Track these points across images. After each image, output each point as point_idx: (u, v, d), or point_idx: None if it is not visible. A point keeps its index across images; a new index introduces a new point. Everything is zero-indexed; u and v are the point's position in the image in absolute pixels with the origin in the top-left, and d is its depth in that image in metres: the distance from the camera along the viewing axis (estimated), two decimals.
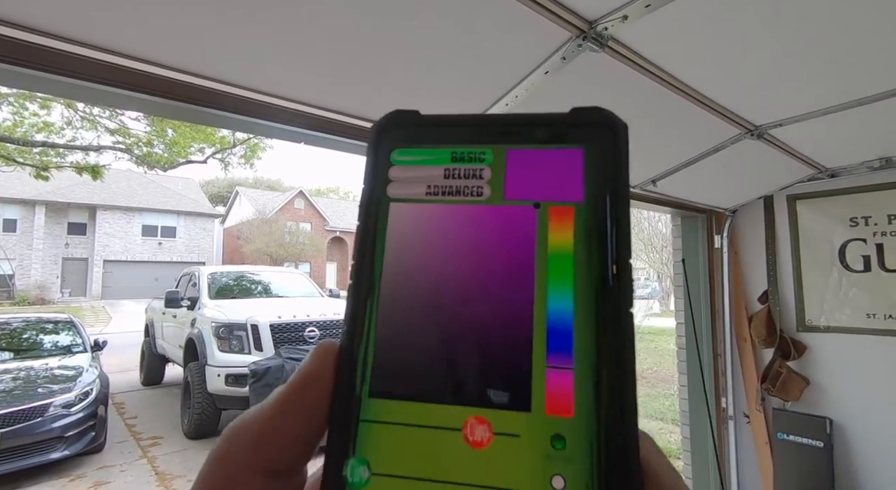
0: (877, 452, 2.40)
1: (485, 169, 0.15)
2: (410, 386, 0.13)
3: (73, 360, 5.02)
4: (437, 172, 0.15)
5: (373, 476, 0.13)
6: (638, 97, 1.38)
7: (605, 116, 0.16)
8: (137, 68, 1.05)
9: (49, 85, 1.04)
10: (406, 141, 0.16)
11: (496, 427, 0.13)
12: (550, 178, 0.15)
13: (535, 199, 0.15)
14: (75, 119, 8.78)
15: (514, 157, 0.15)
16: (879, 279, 2.44)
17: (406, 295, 0.14)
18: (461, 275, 0.14)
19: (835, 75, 1.44)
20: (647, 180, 2.07)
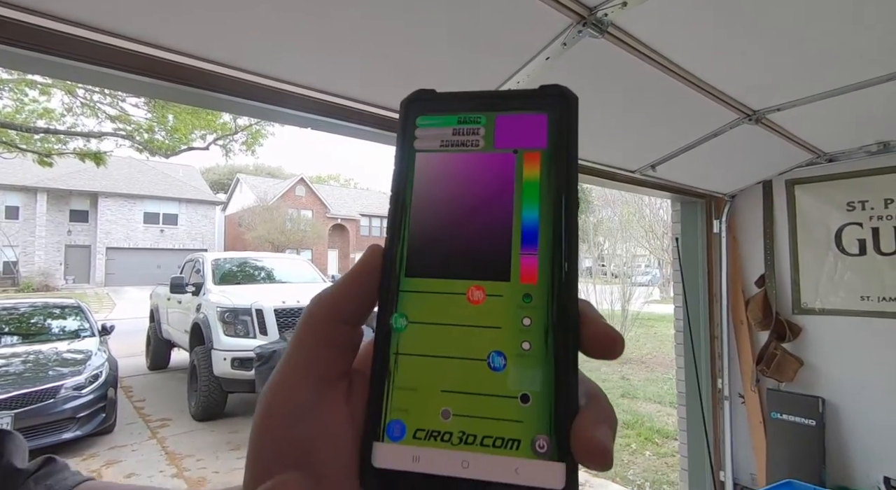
0: (867, 430, 2.47)
1: (480, 128, 0.22)
2: (431, 268, 0.21)
3: (81, 344, 5.11)
4: (447, 131, 0.22)
5: (409, 323, 0.20)
6: (637, 82, 1.41)
7: (561, 91, 0.23)
8: (143, 52, 1.07)
9: (56, 68, 1.07)
10: (426, 110, 0.23)
11: (488, 291, 0.20)
12: (525, 134, 0.22)
13: (514, 147, 0.22)
14: (76, 105, 8.76)
15: (501, 120, 0.22)
16: (874, 262, 2.48)
17: (427, 212, 0.21)
18: (464, 198, 0.21)
19: (833, 60, 1.46)
20: (647, 165, 2.11)
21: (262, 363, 4.62)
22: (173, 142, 8.86)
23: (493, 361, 0.19)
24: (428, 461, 0.18)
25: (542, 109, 0.22)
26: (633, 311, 9.40)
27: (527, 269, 0.19)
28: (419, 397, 0.19)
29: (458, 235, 0.21)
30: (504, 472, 0.18)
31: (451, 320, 0.20)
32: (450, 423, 0.19)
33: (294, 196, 30.32)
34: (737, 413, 2.97)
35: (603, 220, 14.90)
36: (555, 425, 0.18)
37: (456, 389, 0.19)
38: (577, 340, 0.19)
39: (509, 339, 0.19)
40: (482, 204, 0.21)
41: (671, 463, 3.96)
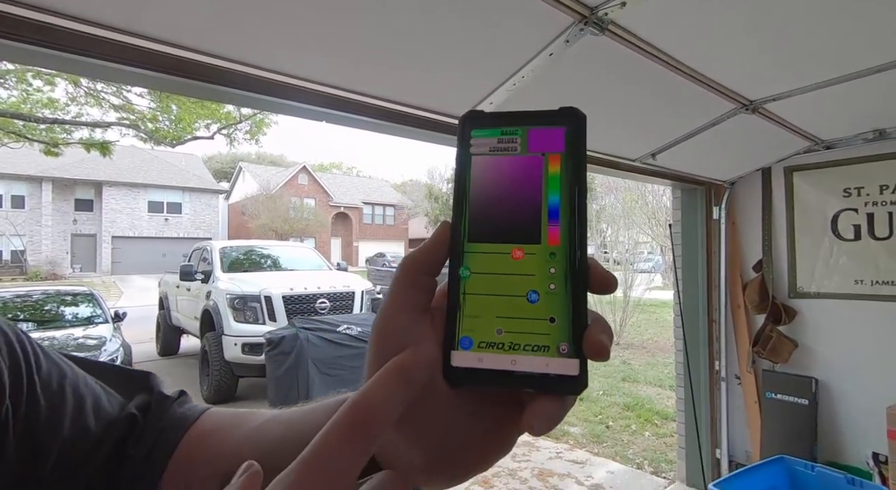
0: (857, 408, 2.57)
1: (517, 138, 0.31)
2: (486, 236, 0.29)
3: (95, 330, 5.25)
4: (494, 141, 0.31)
5: (472, 274, 0.29)
6: (636, 76, 1.47)
7: (574, 111, 0.30)
8: (153, 49, 1.11)
9: (66, 64, 1.09)
10: (478, 125, 0.31)
11: (525, 251, 0.28)
12: (549, 142, 0.30)
13: (542, 151, 0.30)
14: (79, 95, 8.80)
15: (532, 132, 0.31)
16: (868, 247, 2.55)
17: (481, 197, 0.30)
18: (507, 187, 0.30)
19: (828, 50, 1.52)
20: (647, 154, 2.17)
21: (272, 348, 4.75)
22: (177, 131, 8.90)
23: (531, 297, 0.28)
24: (488, 361, 0.27)
25: (561, 124, 0.30)
26: (634, 297, 9.49)
27: (552, 235, 0.28)
28: (481, 321, 0.28)
29: (504, 213, 0.29)
30: (539, 365, 0.27)
31: (500, 271, 0.28)
32: (502, 337, 0.28)
33: (297, 184, 30.33)
34: (733, 394, 3.07)
35: (606, 207, 14.91)
36: (573, 336, 0.27)
37: (506, 315, 0.28)
38: (586, 282, 0.28)
39: (541, 282, 0.28)
40: (520, 191, 0.29)
41: (670, 443, 4.08)
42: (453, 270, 0.29)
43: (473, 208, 0.30)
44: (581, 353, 0.26)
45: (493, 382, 0.27)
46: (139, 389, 0.43)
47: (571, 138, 0.29)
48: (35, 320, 5.58)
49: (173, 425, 0.41)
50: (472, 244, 0.29)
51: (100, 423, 0.38)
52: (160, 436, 0.40)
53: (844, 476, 2.27)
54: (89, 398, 0.38)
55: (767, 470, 2.46)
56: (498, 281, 0.28)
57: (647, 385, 6.07)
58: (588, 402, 5.33)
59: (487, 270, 0.28)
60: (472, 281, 0.28)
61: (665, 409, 4.99)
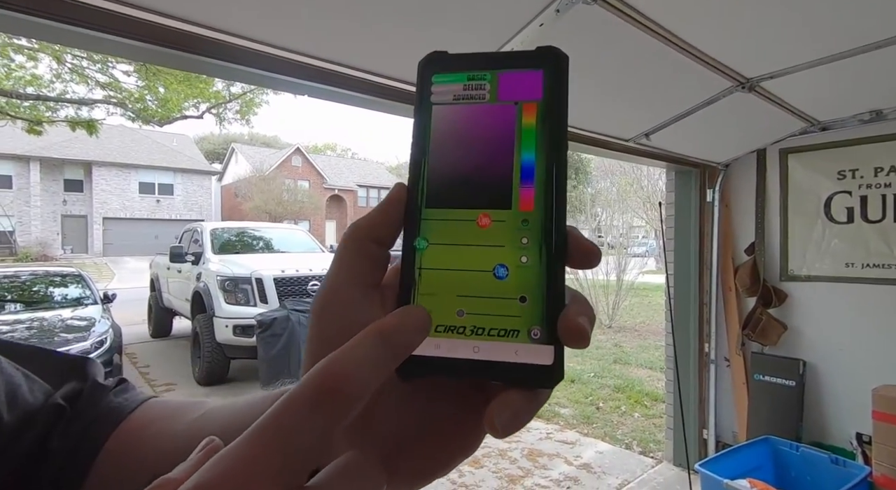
0: (842, 390, 2.60)
1: (486, 84, 0.26)
2: (447, 200, 0.25)
3: (84, 311, 5.20)
4: (458, 87, 0.26)
5: (430, 244, 0.25)
6: (630, 49, 1.42)
7: (554, 51, 0.26)
8: (133, 15, 1.07)
9: (50, 32, 1.07)
10: (440, 69, 0.27)
11: (493, 217, 0.24)
12: (523, 88, 0.25)
13: (515, 100, 0.25)
14: (64, 72, 8.55)
15: (503, 77, 0.26)
16: (860, 230, 2.54)
17: (443, 154, 0.26)
18: (474, 142, 0.26)
19: (826, 26, 1.47)
20: (640, 133, 2.12)
21: (263, 330, 4.73)
22: (166, 111, 8.70)
23: (498, 272, 0.24)
24: (447, 348, 0.23)
25: (538, 67, 0.25)
26: (628, 281, 9.53)
27: (525, 198, 0.24)
28: (439, 301, 0.24)
29: (468, 173, 0.25)
30: (506, 353, 0.23)
31: (464, 241, 0.24)
32: (464, 320, 0.24)
33: (290, 166, 30.00)
34: (721, 375, 3.09)
35: (601, 190, 14.87)
36: (546, 318, 0.23)
37: (469, 294, 0.24)
38: (564, 254, 0.23)
39: (511, 254, 0.24)
40: (488, 147, 0.25)
41: (658, 423, 4.14)
42: (408, 240, 0.25)
43: (433, 167, 0.25)
44: (556, 339, 0.22)
45: (452, 373, 0.23)
46: (72, 377, 0.39)
47: (550, 84, 0.25)
48: (23, 301, 5.52)
49: (105, 417, 0.37)
50: (431, 210, 0.25)
51: (16, 414, 0.34)
52: (89, 428, 0.36)
53: (828, 456, 2.31)
54: (2, 386, 0.34)
55: (753, 450, 2.50)
56: (460, 253, 0.24)
57: (638, 367, 6.14)
58: (579, 384, 5.38)
59: (448, 241, 0.24)
60: (430, 253, 0.24)
61: (655, 391, 5.05)
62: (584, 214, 13.22)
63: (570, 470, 3.34)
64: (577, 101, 1.77)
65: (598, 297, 9.22)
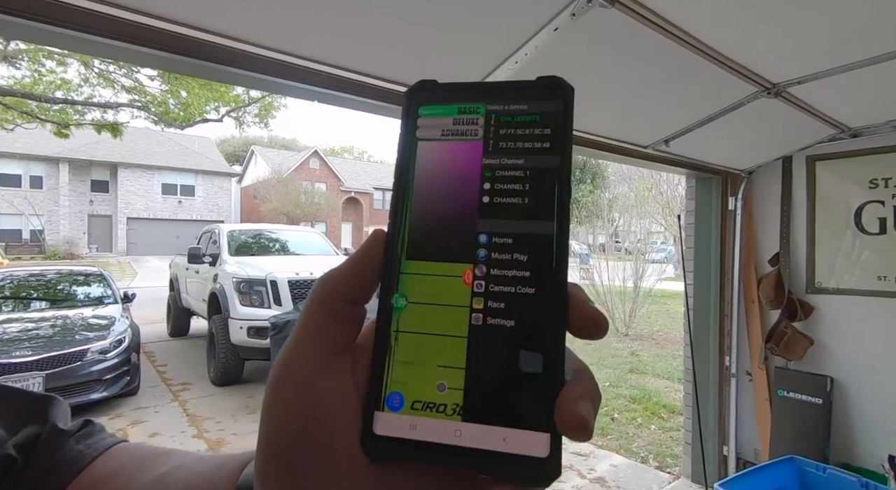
0: (874, 410, 2.47)
1: (478, 118, 0.23)
2: (431, 252, 0.22)
3: (105, 310, 5.31)
4: (448, 121, 0.23)
5: (409, 303, 0.21)
6: (649, 54, 1.36)
7: (557, 82, 0.22)
8: (156, 26, 1.08)
9: (73, 42, 1.08)
10: (428, 100, 0.24)
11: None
12: (522, 125, 0.22)
13: (512, 138, 0.22)
14: (91, 76, 8.80)
15: (498, 111, 0.23)
16: (894, 242, 2.42)
17: (428, 198, 0.22)
18: (463, 185, 0.22)
19: (859, 29, 1.39)
20: (660, 140, 2.06)
21: (277, 332, 4.75)
22: (187, 114, 8.89)
23: None
24: (424, 429, 0.20)
25: (540, 100, 0.22)
26: (646, 287, 9.34)
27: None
28: (417, 371, 0.20)
29: (456, 221, 0.22)
30: (493, 440, 0.19)
31: (448, 301, 0.21)
32: (445, 396, 0.20)
33: (308, 168, 30.36)
34: (743, 390, 2.98)
35: (619, 196, 14.66)
36: (542, 399, 0.19)
37: (452, 364, 0.20)
38: (564, 322, 0.20)
39: None
40: (479, 192, 0.22)
41: (676, 437, 4.02)
42: (384, 297, 0.22)
43: (416, 213, 0.22)
44: (552, 425, 0.19)
45: (430, 459, 0.20)
46: (31, 419, 0.36)
47: (553, 120, 0.22)
48: (48, 299, 5.66)
49: (61, 468, 0.33)
50: (412, 262, 0.22)
51: None
52: (43, 480, 0.33)
53: (858, 479, 2.19)
54: None
55: (777, 470, 2.39)
56: (443, 315, 0.21)
57: (654, 377, 5.99)
58: None
59: (430, 300, 0.21)
60: (409, 313, 0.21)
61: (672, 403, 4.92)
62: (601, 220, 13.04)
63: (583, 483, 3.26)
64: (592, 107, 1.72)
65: (614, 305, 9.06)
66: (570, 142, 0.21)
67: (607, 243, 11.83)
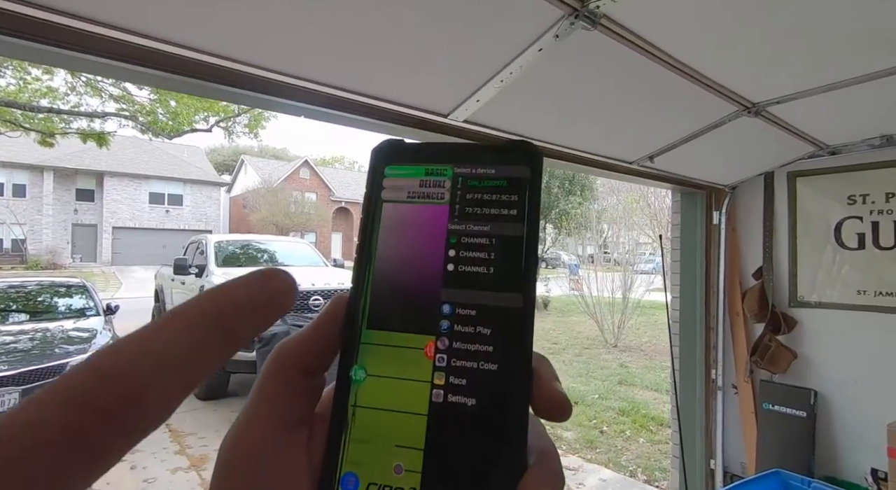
0: (857, 423, 2.49)
1: (445, 181, 0.22)
2: (393, 322, 0.21)
3: (87, 322, 5.20)
4: (414, 182, 0.22)
5: (368, 376, 0.20)
6: (632, 73, 1.39)
7: (527, 148, 0.22)
8: (144, 44, 1.08)
9: (57, 58, 1.07)
10: (395, 160, 0.23)
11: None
12: (490, 190, 0.22)
13: (478, 203, 0.22)
14: (79, 85, 8.73)
15: (466, 175, 0.22)
16: (872, 257, 2.47)
17: (392, 264, 0.21)
18: (429, 252, 0.21)
19: (835, 51, 1.43)
20: (644, 156, 2.09)
21: (263, 345, 4.69)
22: (176, 124, 8.83)
23: None
24: None
25: (508, 165, 0.22)
26: (634, 298, 9.41)
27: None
28: (374, 451, 0.19)
29: (419, 289, 0.21)
30: None
31: (409, 375, 0.20)
32: (402, 479, 0.19)
33: (298, 178, 30.28)
34: (729, 403, 3.00)
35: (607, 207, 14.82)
36: (503, 485, 0.18)
37: (410, 445, 0.19)
38: (527, 403, 0.19)
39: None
40: (445, 258, 0.21)
41: (664, 449, 4.02)
42: (343, 369, 0.21)
43: (379, 279, 0.21)
44: None
45: None
46: None
47: (522, 187, 0.21)
48: (28, 311, 5.53)
49: None
50: (373, 332, 0.21)
51: None
52: None
53: None
54: None
55: (762, 484, 2.39)
56: (404, 391, 0.20)
57: (643, 389, 6.01)
58: (583, 405, 5.27)
59: (390, 373, 0.20)
60: (368, 387, 0.20)
61: (661, 415, 4.93)
62: (590, 231, 13.15)
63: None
64: (578, 124, 1.75)
65: (603, 316, 9.10)
66: (538, 210, 0.21)
67: (596, 254, 11.92)
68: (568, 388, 5.90)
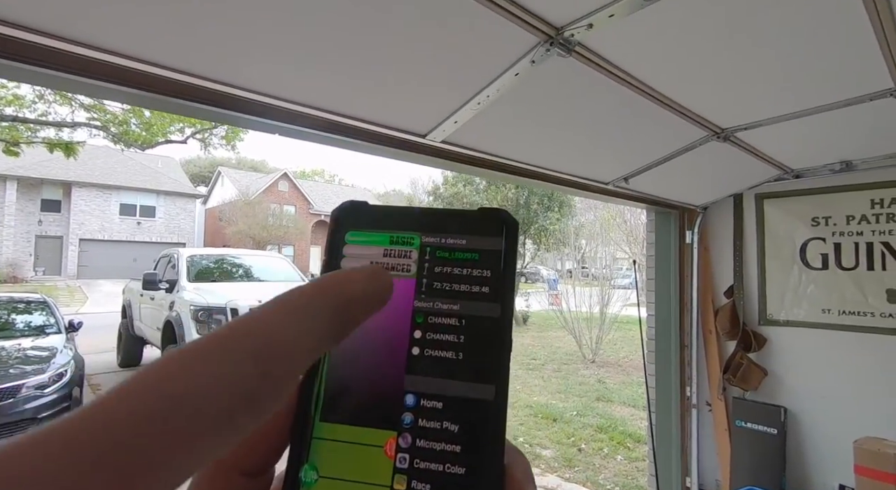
0: (824, 439, 2.55)
1: (411, 252, 0.20)
2: (350, 414, 0.18)
3: (46, 340, 4.95)
4: (378, 251, 0.20)
5: (320, 478, 0.18)
6: (607, 99, 1.42)
7: (502, 217, 0.20)
8: (113, 62, 1.04)
9: (27, 75, 1.03)
10: (357, 225, 0.21)
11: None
12: (461, 263, 0.20)
13: (448, 278, 0.20)
14: (47, 92, 8.47)
15: (434, 244, 0.20)
16: (836, 277, 2.56)
17: (351, 347, 0.19)
18: (393, 334, 0.19)
19: (797, 84, 1.50)
20: (619, 177, 2.13)
21: None
22: (150, 135, 8.64)
23: None
24: None
25: (481, 235, 0.20)
26: (612, 313, 9.52)
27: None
28: None
29: (380, 376, 0.19)
30: None
31: (366, 477, 0.17)
32: None
33: (277, 191, 29.90)
34: (704, 421, 3.03)
35: (585, 224, 15.07)
36: None
37: None
38: None
39: None
40: (410, 341, 0.19)
41: (641, 467, 4.02)
42: (292, 468, 0.18)
43: (336, 364, 0.19)
44: None
45: None
46: None
47: (496, 260, 0.19)
48: None
49: None
50: (327, 425, 0.18)
51: None
52: None
53: None
54: None
55: None
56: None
57: (621, 405, 6.04)
58: (561, 423, 5.25)
59: (345, 474, 0.18)
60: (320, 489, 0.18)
61: (638, 432, 4.95)
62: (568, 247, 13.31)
63: None
64: (555, 145, 1.77)
65: (581, 331, 9.17)
66: (513, 287, 0.19)
67: (575, 269, 12.06)
68: (547, 404, 5.88)
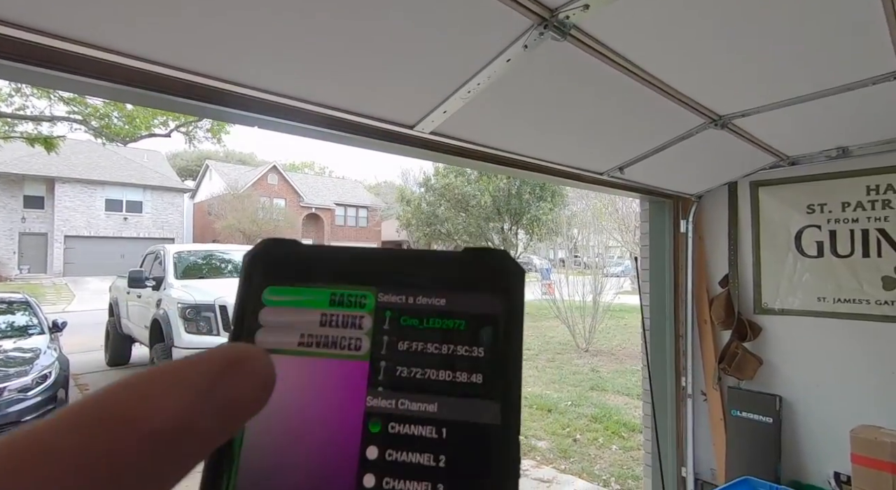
0: (819, 427, 2.55)
1: (365, 316, 0.13)
2: None
3: (29, 342, 4.83)
4: (312, 317, 0.13)
5: None
6: (602, 86, 1.36)
7: (500, 258, 0.13)
8: (101, 57, 0.96)
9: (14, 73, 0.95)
10: (282, 276, 0.13)
11: None
12: (441, 333, 0.13)
13: (421, 355, 0.13)
14: (24, 86, 8.21)
15: (400, 305, 0.13)
16: (830, 264, 2.54)
17: (263, 471, 0.13)
18: (330, 450, 0.12)
19: (795, 69, 1.45)
20: (614, 167, 2.08)
21: None
22: (132, 128, 8.42)
23: None
24: None
25: (469, 288, 0.13)
26: (605, 302, 9.55)
27: None
28: None
29: (311, 477, 0.13)
30: None
31: None
32: None
33: (266, 184, 29.55)
34: (699, 410, 3.02)
35: (577, 213, 15.08)
36: None
37: None
38: None
39: None
40: (360, 463, 0.13)
41: (636, 456, 4.04)
42: None
43: (249, 469, 0.13)
44: None
45: None
46: None
47: (488, 333, 0.13)
48: None
49: None
50: None
51: None
52: None
53: None
54: None
55: None
56: None
57: (615, 394, 6.07)
58: (556, 413, 5.26)
59: None
60: None
61: (632, 421, 4.97)
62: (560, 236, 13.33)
63: None
64: (549, 134, 1.71)
65: (574, 320, 9.19)
66: (519, 373, 0.12)
67: (567, 258, 12.08)
68: (541, 395, 5.89)
